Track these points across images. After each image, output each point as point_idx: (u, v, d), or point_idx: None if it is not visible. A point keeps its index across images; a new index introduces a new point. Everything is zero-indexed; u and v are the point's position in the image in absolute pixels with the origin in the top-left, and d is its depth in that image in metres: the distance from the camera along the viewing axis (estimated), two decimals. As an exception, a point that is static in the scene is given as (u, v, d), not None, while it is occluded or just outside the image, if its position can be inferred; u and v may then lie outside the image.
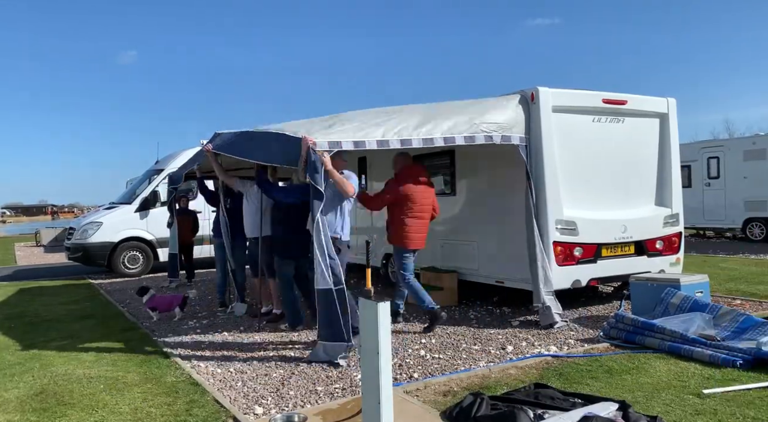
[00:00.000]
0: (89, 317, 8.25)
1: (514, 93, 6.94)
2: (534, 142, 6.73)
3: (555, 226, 6.73)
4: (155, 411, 4.31)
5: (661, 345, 5.31)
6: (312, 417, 3.98)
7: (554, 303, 6.52)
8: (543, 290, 6.50)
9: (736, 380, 4.46)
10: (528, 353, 5.51)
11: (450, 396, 4.36)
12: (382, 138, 5.74)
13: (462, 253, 8.04)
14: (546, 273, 6.53)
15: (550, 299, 6.50)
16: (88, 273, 13.80)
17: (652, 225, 7.49)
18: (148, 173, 14.17)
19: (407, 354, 5.64)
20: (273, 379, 5.00)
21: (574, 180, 6.97)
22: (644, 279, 6.61)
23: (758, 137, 15.69)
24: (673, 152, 7.72)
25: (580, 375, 4.75)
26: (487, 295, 8.39)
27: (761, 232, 15.31)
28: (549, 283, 6.54)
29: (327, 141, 5.43)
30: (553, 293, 6.56)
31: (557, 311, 6.51)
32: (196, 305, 8.81)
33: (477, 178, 7.90)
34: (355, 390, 4.58)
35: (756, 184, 15.11)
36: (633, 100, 7.42)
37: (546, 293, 6.50)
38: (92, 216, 14.24)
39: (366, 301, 3.40)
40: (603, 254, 7.10)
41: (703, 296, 6.24)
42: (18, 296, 10.68)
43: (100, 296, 10.30)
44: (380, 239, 9.75)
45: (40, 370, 5.52)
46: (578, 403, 3.94)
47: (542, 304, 6.48)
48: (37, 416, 4.32)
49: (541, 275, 6.50)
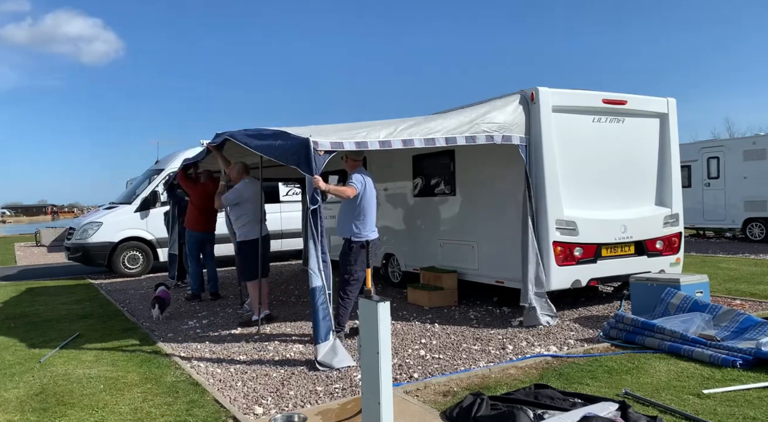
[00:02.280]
0: (89, 317, 8.25)
1: (514, 93, 6.94)
2: (534, 142, 6.74)
3: (555, 226, 6.74)
4: (155, 411, 4.31)
5: (661, 345, 5.31)
6: (312, 417, 3.98)
7: (542, 304, 6.53)
8: (531, 291, 6.51)
9: (736, 380, 4.46)
10: (528, 353, 5.51)
11: (450, 396, 4.36)
12: (384, 139, 5.76)
13: (462, 253, 8.04)
14: (537, 273, 6.54)
15: (537, 300, 6.51)
16: (88, 273, 13.80)
17: (652, 225, 7.49)
18: (148, 173, 14.18)
19: (407, 354, 5.65)
20: (273, 379, 5.01)
21: (574, 180, 6.98)
22: (644, 279, 6.61)
23: (758, 137, 15.68)
24: (673, 152, 7.73)
25: (580, 375, 4.75)
26: (487, 295, 8.39)
27: (761, 232, 15.30)
28: (540, 283, 6.55)
29: (329, 141, 5.45)
30: (544, 295, 6.57)
31: (545, 313, 6.53)
32: (196, 305, 8.82)
33: (477, 178, 7.90)
34: (355, 390, 4.59)
35: (756, 184, 15.10)
36: (633, 101, 7.42)
37: (534, 294, 6.52)
38: (92, 216, 14.23)
39: (366, 301, 3.40)
40: (603, 254, 7.10)
41: (703, 296, 6.25)
42: (18, 296, 10.68)
43: (100, 296, 10.30)
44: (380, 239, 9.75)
45: (40, 370, 5.52)
46: (578, 403, 3.95)
47: (528, 304, 6.50)
48: (37, 416, 4.33)
49: (531, 274, 6.52)
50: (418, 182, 8.96)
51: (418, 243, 8.97)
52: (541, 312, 6.50)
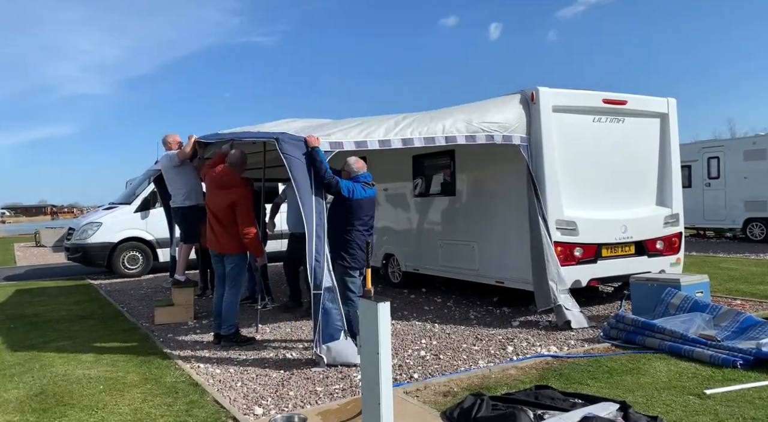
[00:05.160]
0: (89, 317, 8.24)
1: (514, 93, 6.94)
2: (534, 142, 6.73)
3: (555, 226, 6.73)
4: (155, 411, 4.30)
5: (661, 345, 5.31)
6: (312, 417, 3.97)
7: (569, 301, 6.47)
8: (557, 289, 6.43)
9: (737, 380, 4.46)
10: (528, 353, 5.51)
11: (450, 397, 4.35)
12: (384, 138, 5.74)
13: (462, 253, 8.03)
14: (558, 271, 6.49)
15: (564, 298, 6.44)
16: (88, 274, 13.79)
17: (652, 225, 7.49)
18: (148, 173, 14.16)
19: (407, 355, 5.64)
20: (273, 379, 5.00)
21: (575, 180, 6.97)
22: (644, 279, 6.60)
23: (758, 137, 15.68)
24: (674, 152, 7.72)
25: (581, 376, 4.74)
26: (487, 295, 8.39)
27: (761, 232, 15.29)
28: (562, 281, 6.51)
29: (328, 142, 5.44)
30: (567, 292, 6.52)
31: (575, 310, 6.45)
32: (196, 305, 8.80)
33: (477, 178, 7.90)
34: (355, 390, 4.58)
35: (756, 184, 15.09)
36: (633, 101, 7.42)
37: (560, 292, 6.45)
38: (92, 216, 14.21)
39: (366, 301, 3.40)
40: (603, 255, 7.10)
41: (703, 296, 6.24)
42: (18, 296, 10.67)
43: (100, 296, 10.30)
44: (380, 239, 9.76)
45: (40, 370, 5.51)
46: (578, 404, 3.94)
47: (554, 303, 6.42)
48: (37, 416, 4.32)
49: (553, 273, 6.45)
50: (418, 182, 8.95)
51: (418, 243, 8.96)
52: (573, 310, 6.43)
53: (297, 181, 5.27)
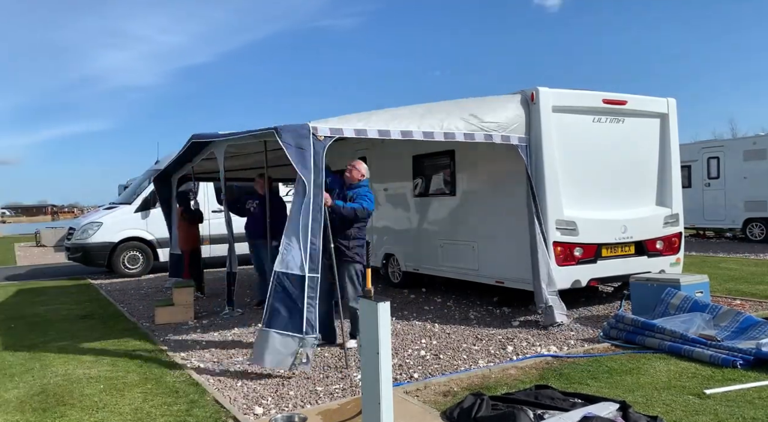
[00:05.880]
0: (90, 317, 8.25)
1: (514, 93, 6.94)
2: (534, 142, 6.73)
3: (555, 226, 6.73)
4: (155, 411, 4.31)
5: (661, 345, 5.31)
6: (312, 417, 3.97)
7: (558, 303, 6.51)
8: (546, 290, 6.49)
9: (737, 380, 4.46)
10: (528, 353, 5.51)
11: (450, 397, 4.36)
12: (384, 128, 5.75)
13: (462, 253, 8.04)
14: (549, 273, 6.52)
15: (553, 299, 6.49)
16: (88, 273, 13.80)
17: (652, 225, 7.49)
18: (148, 173, 14.18)
19: (407, 354, 5.64)
20: (273, 379, 5.00)
21: (575, 180, 6.97)
22: (644, 279, 6.61)
23: (758, 138, 15.68)
24: (673, 152, 7.72)
25: (581, 375, 4.75)
26: (487, 295, 8.39)
27: (761, 232, 15.30)
28: (552, 283, 6.54)
29: (329, 128, 5.42)
30: (556, 293, 6.56)
31: (561, 311, 6.50)
32: (196, 305, 8.80)
33: (477, 178, 7.90)
34: (355, 390, 4.58)
35: (756, 184, 15.09)
36: (633, 101, 7.42)
37: (549, 293, 6.49)
38: (92, 216, 14.23)
39: (366, 301, 3.40)
40: (603, 255, 7.10)
41: (703, 296, 6.24)
42: (18, 296, 10.68)
43: (100, 296, 10.30)
44: (380, 239, 9.76)
45: (40, 370, 5.52)
46: (578, 403, 3.94)
47: (545, 304, 6.47)
48: (37, 416, 4.32)
49: (543, 274, 6.49)
50: (418, 182, 8.96)
51: (418, 243, 8.96)
52: (558, 311, 6.48)
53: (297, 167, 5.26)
